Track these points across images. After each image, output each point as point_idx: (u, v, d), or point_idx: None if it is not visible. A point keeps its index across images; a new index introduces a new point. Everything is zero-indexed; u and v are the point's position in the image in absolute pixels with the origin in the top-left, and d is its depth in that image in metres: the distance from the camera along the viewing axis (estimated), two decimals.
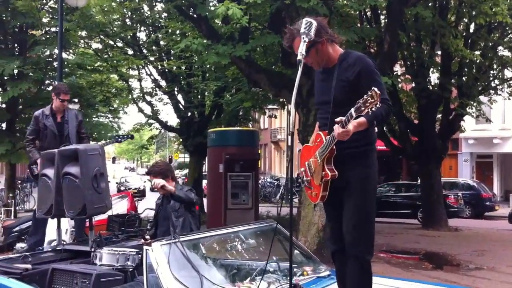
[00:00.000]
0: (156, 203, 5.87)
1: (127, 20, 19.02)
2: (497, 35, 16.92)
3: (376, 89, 3.02)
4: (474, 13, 14.58)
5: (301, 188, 3.71)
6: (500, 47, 17.29)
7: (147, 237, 5.31)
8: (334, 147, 3.32)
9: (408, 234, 15.77)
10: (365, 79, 3.35)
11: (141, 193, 29.64)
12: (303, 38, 3.34)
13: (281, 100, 16.49)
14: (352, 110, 3.11)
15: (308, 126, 10.43)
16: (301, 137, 10.80)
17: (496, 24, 16.03)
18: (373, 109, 3.03)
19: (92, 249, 4.78)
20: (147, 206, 8.12)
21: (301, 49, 3.33)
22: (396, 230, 16.82)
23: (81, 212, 5.10)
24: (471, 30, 16.83)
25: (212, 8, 10.54)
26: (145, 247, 3.80)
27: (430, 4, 14.77)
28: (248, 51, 10.02)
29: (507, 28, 16.45)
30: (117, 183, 21.63)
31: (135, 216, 8.10)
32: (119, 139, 8.01)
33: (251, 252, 4.57)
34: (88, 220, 5.60)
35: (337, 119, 3.18)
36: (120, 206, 11.50)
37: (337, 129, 3.19)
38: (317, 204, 10.78)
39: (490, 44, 16.87)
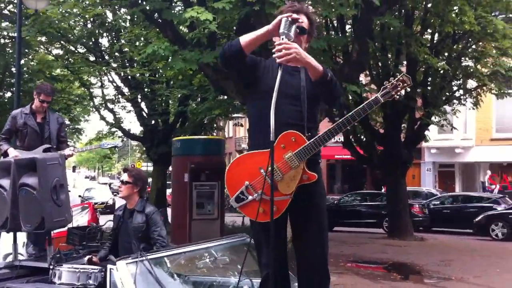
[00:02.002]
0: (115, 214, 5.49)
1: (88, 25, 18.56)
2: (460, 45, 17.08)
3: (404, 73, 3.13)
4: (439, 22, 14.70)
5: (244, 204, 3.16)
6: (464, 58, 17.47)
7: (95, 258, 4.98)
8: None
9: (374, 244, 15.70)
10: None
11: (109, 209, 25.27)
12: (283, 38, 3.02)
13: None
14: (379, 95, 3.10)
15: None
16: None
17: (460, 34, 16.19)
18: (402, 93, 3.15)
19: (51, 266, 4.42)
20: (109, 218, 7.73)
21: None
22: (362, 239, 16.76)
23: (39, 226, 4.73)
24: (435, 40, 16.97)
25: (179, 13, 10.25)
26: (109, 265, 3.50)
27: (396, 14, 14.83)
28: (216, 58, 9.76)
29: (470, 39, 16.63)
30: (80, 196, 19.42)
31: (96, 229, 7.69)
32: (105, 145, 7.61)
33: (224, 268, 4.30)
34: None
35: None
36: (80, 218, 11.04)
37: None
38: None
39: (454, 54, 17.03)
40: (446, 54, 17.12)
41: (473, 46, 17.19)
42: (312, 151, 3.06)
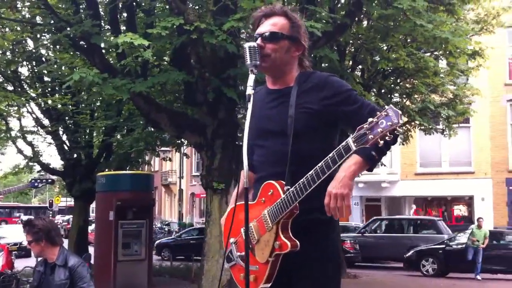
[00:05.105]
0: (36, 269, 4.68)
1: (8, 53, 17.38)
2: (390, 81, 17.28)
3: (392, 107, 2.12)
4: (371, 58, 14.77)
5: (234, 264, 2.58)
6: (394, 93, 17.68)
7: None
8: (297, 204, 2.34)
9: None
10: (341, 104, 2.51)
11: (24, 251, 20.51)
12: (252, 70, 2.45)
13: (177, 142, 15.63)
14: (350, 140, 2.18)
15: (213, 170, 9.65)
16: (204, 183, 9.99)
17: (390, 70, 16.36)
18: (387, 138, 2.11)
19: None
20: (27, 264, 6.87)
21: (250, 82, 2.42)
22: None
23: None
24: (365, 76, 17.06)
25: (111, 39, 9.57)
26: None
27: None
28: (149, 88, 9.15)
29: (399, 76, 16.84)
30: None
31: (12, 276, 6.90)
32: (36, 184, 6.58)
33: None
34: None
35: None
36: None
37: (335, 183, 2.31)
38: (221, 256, 10.02)
39: (384, 90, 17.18)
40: (375, 89, 17.25)
41: (401, 83, 17.45)
42: (283, 210, 2.35)
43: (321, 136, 2.53)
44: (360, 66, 16.95)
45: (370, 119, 2.14)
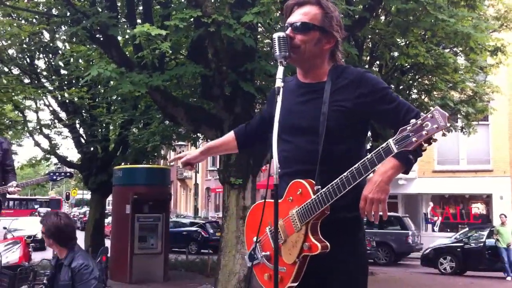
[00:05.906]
0: (51, 263, 4.61)
1: (24, 45, 17.45)
2: (408, 77, 17.07)
3: (439, 108, 1.97)
4: (389, 53, 14.58)
5: (257, 263, 2.45)
6: (412, 90, 17.47)
7: None
8: (328, 206, 2.22)
9: None
10: (378, 103, 2.36)
11: (39, 243, 18.95)
12: (281, 61, 2.34)
13: (193, 136, 15.58)
14: (391, 142, 2.05)
15: (230, 166, 9.58)
16: (221, 178, 9.92)
17: (408, 66, 16.16)
18: (431, 141, 1.98)
19: None
20: (44, 256, 6.86)
21: (279, 74, 2.32)
22: None
23: None
24: (383, 72, 16.87)
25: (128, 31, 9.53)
26: None
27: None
28: (166, 81, 9.09)
29: (417, 72, 16.64)
30: (4, 228, 16.45)
31: (29, 268, 6.90)
32: (55, 177, 6.50)
33: None
34: None
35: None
36: (10, 255, 9.92)
37: (371, 187, 2.21)
38: (238, 251, 9.95)
39: (402, 86, 16.98)
40: (393, 85, 17.05)
41: (420, 79, 17.22)
42: (314, 211, 2.23)
43: (352, 134, 2.42)
44: (378, 62, 16.80)
45: (413, 121, 2.01)
